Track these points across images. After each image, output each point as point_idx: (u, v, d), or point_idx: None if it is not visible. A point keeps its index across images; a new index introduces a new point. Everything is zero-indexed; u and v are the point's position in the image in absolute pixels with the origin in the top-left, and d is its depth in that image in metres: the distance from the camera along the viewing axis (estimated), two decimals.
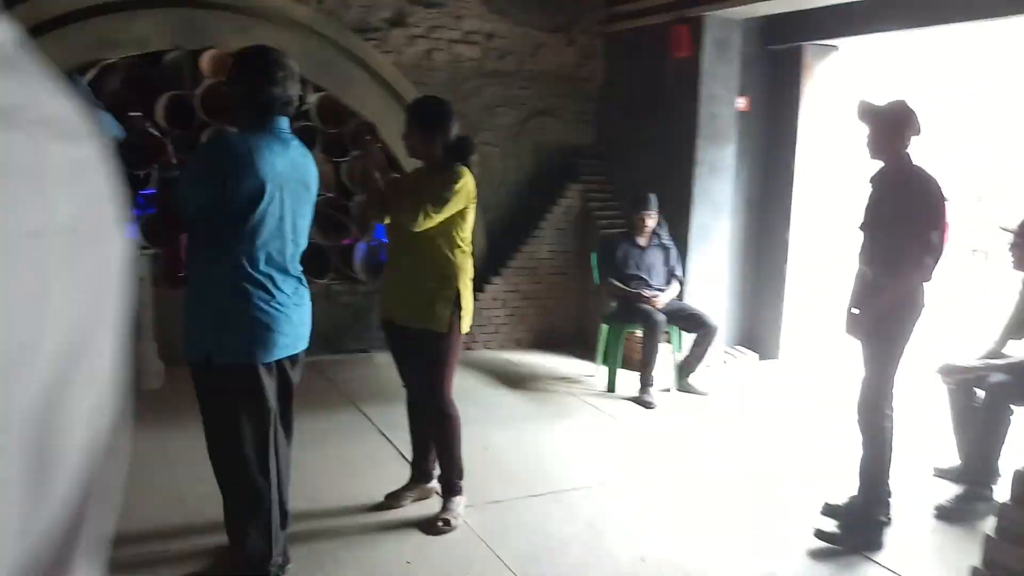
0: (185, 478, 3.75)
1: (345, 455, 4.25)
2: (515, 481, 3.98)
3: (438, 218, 3.25)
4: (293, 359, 2.90)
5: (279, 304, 2.74)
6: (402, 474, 3.81)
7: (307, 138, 6.04)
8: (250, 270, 2.67)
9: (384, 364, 3.61)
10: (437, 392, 3.42)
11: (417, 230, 3.24)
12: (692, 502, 3.83)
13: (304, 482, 3.74)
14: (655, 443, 4.61)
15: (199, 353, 2.74)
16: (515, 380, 5.78)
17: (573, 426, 4.85)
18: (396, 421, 3.80)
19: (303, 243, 2.86)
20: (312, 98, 6.06)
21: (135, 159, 5.47)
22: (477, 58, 6.63)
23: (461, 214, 3.35)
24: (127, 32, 5.48)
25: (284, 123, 2.76)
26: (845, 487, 3.75)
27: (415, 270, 3.37)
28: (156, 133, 5.49)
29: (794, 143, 6.29)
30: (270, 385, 2.79)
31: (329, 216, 6.18)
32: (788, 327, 6.41)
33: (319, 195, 6.01)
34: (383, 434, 4.54)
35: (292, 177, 2.74)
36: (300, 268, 2.89)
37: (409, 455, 3.79)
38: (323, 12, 6.01)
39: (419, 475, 3.70)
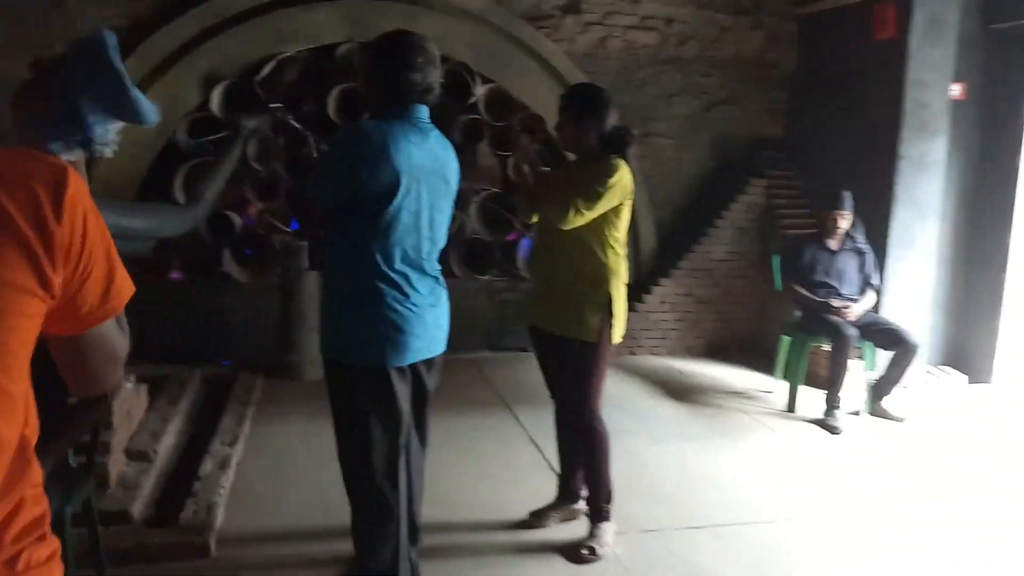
0: (329, 475, 3.63)
1: (491, 462, 4.03)
2: (672, 508, 3.60)
3: (589, 215, 2.94)
4: (429, 363, 2.69)
5: (413, 305, 2.54)
6: (549, 489, 3.53)
7: (473, 131, 5.92)
8: (384, 268, 2.48)
9: None
10: (583, 406, 3.11)
11: (565, 227, 2.95)
12: (880, 547, 3.29)
13: (444, 489, 3.57)
14: (838, 474, 4.06)
15: (330, 352, 2.60)
16: (681, 392, 5.36)
17: (744, 449, 4.37)
18: (549, 429, 3.53)
19: (441, 240, 2.65)
20: (480, 90, 5.90)
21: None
22: (654, 44, 6.22)
23: (615, 211, 3.02)
24: (302, 25, 5.55)
25: (423, 112, 2.55)
26: None
27: (563, 273, 3.08)
28: (297, 126, 5.49)
29: (1019, 135, 5.43)
30: (403, 390, 2.60)
31: (493, 211, 6.01)
32: (1005, 346, 5.56)
33: (484, 190, 5.95)
34: (534, 442, 4.28)
35: (430, 170, 2.53)
36: (438, 267, 2.68)
37: (558, 469, 3.50)
38: (494, 0, 5.83)
39: (566, 494, 3.41)
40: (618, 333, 3.09)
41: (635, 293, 5.98)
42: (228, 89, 5.52)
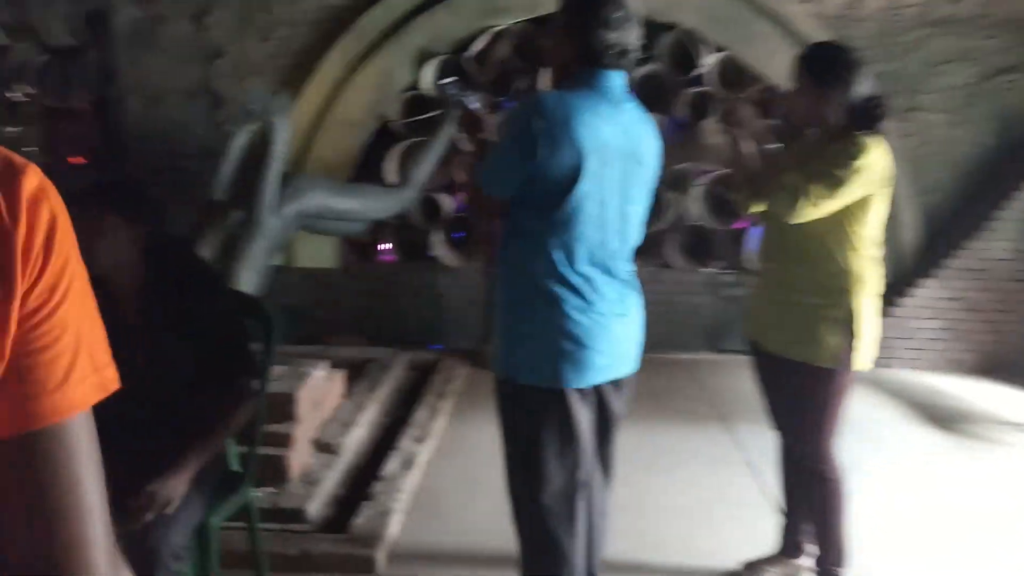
0: None
1: (698, 491, 3.46)
2: (923, 570, 2.87)
3: (825, 206, 2.33)
4: (616, 384, 2.23)
5: (598, 313, 2.09)
6: (768, 532, 2.93)
7: (702, 106, 5.32)
8: (564, 269, 2.05)
9: None
10: (812, 448, 2.50)
11: (794, 221, 2.36)
12: None
13: (636, 520, 3.09)
14: None
15: (500, 369, 2.20)
16: (940, 416, 4.45)
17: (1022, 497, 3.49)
18: (774, 456, 2.94)
19: (634, 236, 2.18)
20: (710, 59, 5.27)
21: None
22: (921, 2, 5.25)
23: (864, 203, 2.38)
24: None
25: (617, 79, 2.09)
26: None
27: (792, 279, 2.48)
28: (472, 106, 5.11)
29: None
30: (584, 416, 2.16)
31: (719, 196, 5.38)
32: None
33: (710, 172, 5.34)
34: (753, 470, 3.66)
35: (623, 150, 2.07)
36: (630, 269, 2.21)
37: (781, 507, 2.89)
38: None
39: (788, 546, 2.79)
40: (863, 358, 2.44)
41: (891, 295, 5.11)
42: (439, 66, 5.33)
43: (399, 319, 5.59)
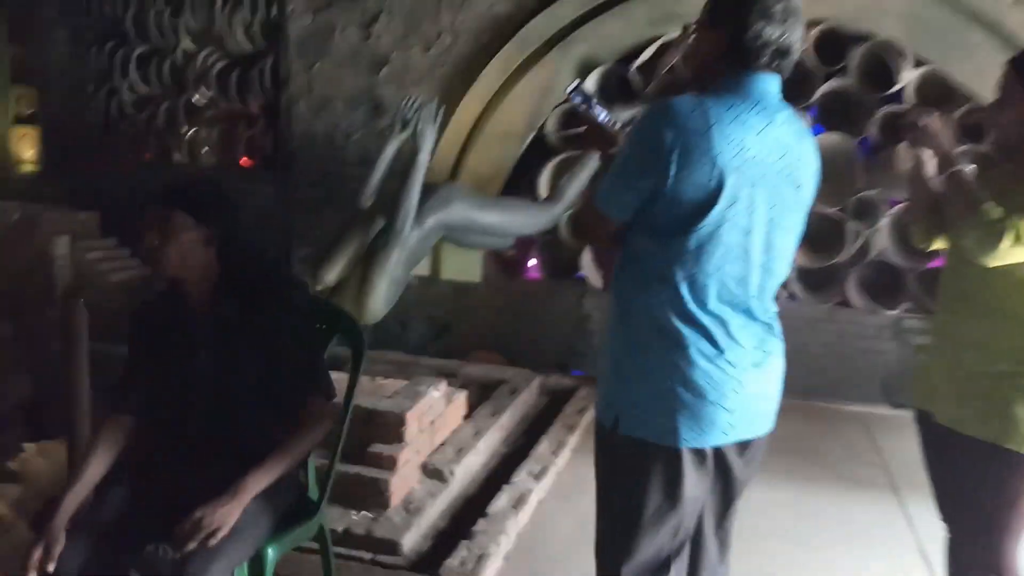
0: None
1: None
2: None
3: None
4: (743, 447, 1.84)
5: (728, 363, 1.73)
6: None
7: (893, 128, 4.70)
8: (692, 306, 1.71)
9: None
10: (987, 548, 1.99)
11: (994, 263, 1.88)
12: None
13: None
14: None
15: (603, 414, 1.88)
16: None
17: None
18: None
19: (781, 271, 1.80)
20: (910, 75, 4.64)
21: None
22: None
23: None
24: (692, 4, 4.81)
25: (771, 83, 1.74)
26: None
27: (979, 337, 1.98)
28: (603, 116, 4.70)
29: None
30: (696, 481, 1.79)
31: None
32: None
33: (902, 201, 4.68)
34: (925, 559, 3.06)
35: (773, 168, 1.70)
36: (773, 310, 1.81)
37: None
38: None
39: None
40: None
41: None
42: (602, 77, 5.03)
43: (540, 340, 5.31)
